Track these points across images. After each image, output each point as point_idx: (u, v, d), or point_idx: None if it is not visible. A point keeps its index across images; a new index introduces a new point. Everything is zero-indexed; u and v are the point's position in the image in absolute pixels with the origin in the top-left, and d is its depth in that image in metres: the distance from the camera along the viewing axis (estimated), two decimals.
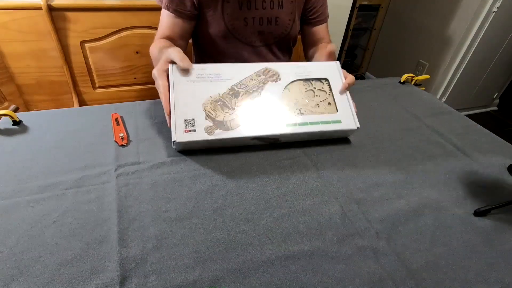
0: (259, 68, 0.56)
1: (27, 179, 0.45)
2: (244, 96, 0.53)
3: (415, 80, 0.83)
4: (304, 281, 0.35)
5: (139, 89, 1.36)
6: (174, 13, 0.69)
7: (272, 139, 0.53)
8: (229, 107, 0.51)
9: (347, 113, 0.56)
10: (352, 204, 0.45)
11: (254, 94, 0.54)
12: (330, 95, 0.57)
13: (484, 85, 2.01)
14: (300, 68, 0.58)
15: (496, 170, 0.54)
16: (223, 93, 0.52)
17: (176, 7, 0.68)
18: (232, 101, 0.52)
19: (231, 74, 0.54)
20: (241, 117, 0.51)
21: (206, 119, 0.49)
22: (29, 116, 0.58)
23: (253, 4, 0.71)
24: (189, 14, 0.70)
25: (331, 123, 0.54)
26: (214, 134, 0.48)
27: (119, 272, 0.34)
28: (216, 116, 0.50)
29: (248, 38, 0.76)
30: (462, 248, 0.40)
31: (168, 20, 0.70)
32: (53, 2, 1.05)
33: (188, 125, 0.48)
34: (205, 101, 0.51)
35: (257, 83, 0.55)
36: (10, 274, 0.34)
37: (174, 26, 0.71)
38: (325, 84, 0.58)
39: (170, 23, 0.70)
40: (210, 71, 0.54)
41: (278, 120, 0.52)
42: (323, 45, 0.82)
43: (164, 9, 0.70)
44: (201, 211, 0.43)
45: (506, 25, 1.72)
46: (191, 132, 0.48)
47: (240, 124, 0.50)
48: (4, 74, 1.13)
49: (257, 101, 0.53)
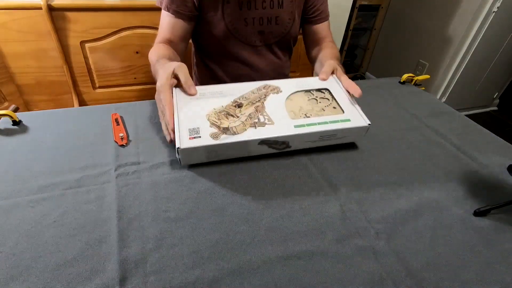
0: (259, 85, 0.58)
1: (27, 179, 0.45)
2: (248, 106, 0.53)
3: (415, 80, 0.83)
4: (304, 281, 0.35)
5: (139, 89, 1.36)
6: (175, 14, 0.69)
7: (281, 144, 0.51)
8: (234, 116, 0.51)
9: (354, 113, 0.55)
10: (352, 204, 0.45)
11: (257, 104, 0.53)
12: (333, 101, 0.57)
13: (484, 85, 2.01)
14: (300, 82, 0.60)
15: (496, 170, 0.54)
16: (227, 105, 0.52)
17: (176, 8, 0.68)
18: (236, 110, 0.52)
19: (232, 91, 0.55)
20: (246, 122, 0.50)
21: (211, 127, 0.48)
22: (29, 116, 0.58)
23: (253, 4, 0.71)
24: (189, 15, 0.70)
25: (340, 122, 0.52)
26: (219, 139, 0.46)
27: (119, 272, 0.34)
28: (221, 124, 0.49)
29: (249, 38, 0.76)
30: (462, 248, 0.40)
31: (169, 21, 0.70)
32: (53, 2, 1.05)
33: (192, 133, 0.47)
34: (208, 112, 0.51)
35: (259, 96, 0.55)
36: (10, 274, 0.34)
37: (175, 28, 0.70)
38: (326, 93, 0.59)
39: (170, 25, 0.70)
40: (212, 89, 0.55)
41: (285, 123, 0.51)
42: (326, 44, 0.81)
43: (164, 10, 0.70)
44: (201, 211, 0.42)
45: (506, 25, 1.72)
46: (196, 139, 0.46)
47: (246, 129, 0.49)
48: (4, 74, 1.13)
49: (261, 109, 0.53)
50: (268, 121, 0.50)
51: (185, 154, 0.46)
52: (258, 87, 0.57)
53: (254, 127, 0.49)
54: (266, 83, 0.58)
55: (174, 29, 0.70)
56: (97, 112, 0.61)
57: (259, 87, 0.57)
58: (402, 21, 2.09)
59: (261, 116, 0.51)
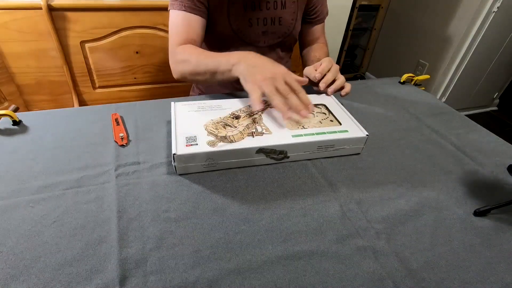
0: None
1: (27, 179, 0.45)
2: (245, 118, 0.53)
3: (415, 80, 0.83)
4: (304, 281, 0.35)
5: (139, 89, 1.36)
6: (191, 11, 0.67)
7: (279, 154, 0.51)
8: (231, 126, 0.51)
9: (352, 125, 0.55)
10: (352, 204, 0.45)
11: (255, 116, 0.54)
12: (330, 115, 0.58)
13: (484, 85, 2.01)
14: None
15: (496, 170, 0.54)
16: (224, 116, 0.53)
17: (192, 5, 0.67)
18: (234, 121, 0.52)
19: (230, 105, 0.57)
20: (244, 131, 0.50)
21: (208, 135, 0.48)
22: (29, 116, 0.58)
23: (257, 5, 0.72)
24: (204, 11, 0.69)
25: (338, 133, 0.52)
26: (217, 146, 0.46)
27: (119, 272, 0.34)
28: (218, 133, 0.49)
29: (252, 38, 0.76)
30: (462, 248, 0.40)
31: (185, 19, 0.67)
32: (53, 2, 1.05)
33: (189, 141, 0.47)
34: (206, 122, 0.51)
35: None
36: (10, 274, 0.34)
37: (192, 25, 0.68)
38: (322, 108, 0.60)
39: (187, 22, 0.67)
40: (211, 103, 0.57)
41: (283, 132, 0.51)
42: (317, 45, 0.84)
43: (178, 10, 0.67)
44: (201, 211, 0.42)
45: (506, 25, 1.72)
46: (192, 146, 0.46)
47: (243, 138, 0.49)
48: (4, 74, 1.13)
49: (258, 121, 0.53)
50: (266, 131, 0.51)
51: (181, 162, 0.46)
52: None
53: (252, 136, 0.49)
54: (264, 98, 0.58)
55: (191, 27, 0.68)
56: (97, 112, 0.61)
57: None
58: (402, 21, 2.09)
59: (258, 127, 0.51)
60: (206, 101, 0.58)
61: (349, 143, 0.53)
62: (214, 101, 0.58)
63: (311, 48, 0.85)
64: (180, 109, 0.55)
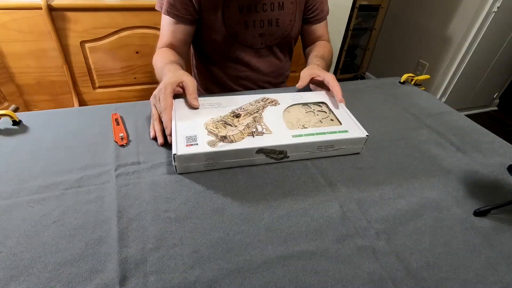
0: (257, 97, 0.59)
1: (27, 179, 0.45)
2: (246, 116, 0.53)
3: (415, 80, 0.83)
4: (304, 281, 0.35)
5: (139, 89, 1.36)
6: (176, 18, 0.69)
7: (279, 154, 0.51)
8: (232, 125, 0.51)
9: (352, 125, 0.55)
10: (352, 204, 0.45)
11: (255, 114, 0.54)
12: (331, 114, 0.58)
13: (484, 85, 2.01)
14: (297, 95, 0.61)
15: (496, 170, 0.54)
16: (225, 115, 0.53)
17: (177, 12, 0.68)
18: (234, 120, 0.52)
19: (230, 103, 0.57)
20: (244, 131, 0.50)
21: (209, 135, 0.48)
22: (29, 116, 0.58)
23: (253, 8, 0.71)
24: (190, 18, 0.70)
25: (338, 133, 0.52)
26: (217, 146, 0.46)
27: (119, 272, 0.34)
28: (218, 132, 0.49)
29: (249, 41, 0.76)
30: (462, 248, 0.40)
31: (170, 26, 0.70)
32: (53, 2, 1.05)
33: (189, 141, 0.47)
34: (207, 121, 0.51)
35: (257, 107, 0.56)
36: (10, 274, 0.34)
37: (176, 32, 0.70)
38: (323, 106, 0.60)
39: (171, 29, 0.70)
40: (211, 101, 0.57)
41: (283, 132, 0.51)
42: (320, 43, 0.84)
43: (165, 14, 0.69)
44: (201, 211, 0.42)
45: (506, 25, 1.72)
46: (193, 146, 0.46)
47: (244, 137, 0.49)
48: (4, 74, 1.13)
49: (259, 120, 0.53)
50: (266, 131, 0.51)
51: (182, 162, 0.46)
52: (256, 99, 0.59)
53: (252, 136, 0.49)
54: (264, 95, 0.60)
55: (175, 34, 0.70)
56: (97, 112, 0.61)
57: (257, 99, 0.59)
58: (402, 21, 2.09)
59: (259, 126, 0.51)
60: (206, 97, 0.58)
61: (349, 143, 0.53)
62: (214, 98, 0.58)
63: (314, 45, 0.84)
64: (180, 106, 0.54)
